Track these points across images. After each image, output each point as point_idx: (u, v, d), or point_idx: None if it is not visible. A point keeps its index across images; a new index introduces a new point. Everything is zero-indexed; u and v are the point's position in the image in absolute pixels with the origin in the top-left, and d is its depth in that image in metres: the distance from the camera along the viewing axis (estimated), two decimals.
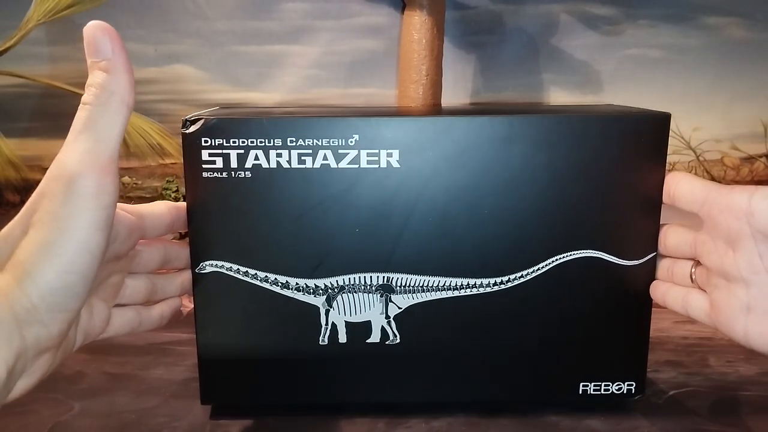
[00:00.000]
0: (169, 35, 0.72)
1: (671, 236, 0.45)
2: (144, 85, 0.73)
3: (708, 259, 0.42)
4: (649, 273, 0.46)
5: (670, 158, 0.43)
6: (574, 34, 0.71)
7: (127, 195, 0.76)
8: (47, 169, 0.33)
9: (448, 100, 0.67)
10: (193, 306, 0.46)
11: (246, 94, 0.73)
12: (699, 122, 0.74)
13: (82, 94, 0.34)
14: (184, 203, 0.44)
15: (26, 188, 0.75)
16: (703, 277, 0.43)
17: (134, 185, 0.76)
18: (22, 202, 0.34)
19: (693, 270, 0.44)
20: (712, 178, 0.75)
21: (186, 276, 0.46)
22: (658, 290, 0.46)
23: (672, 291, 0.45)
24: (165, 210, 0.44)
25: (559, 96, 0.72)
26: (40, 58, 0.72)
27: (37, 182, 0.34)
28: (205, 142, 0.43)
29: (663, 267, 0.46)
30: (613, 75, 0.72)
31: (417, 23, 0.61)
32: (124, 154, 0.75)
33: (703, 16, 0.70)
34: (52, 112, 0.73)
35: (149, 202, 0.44)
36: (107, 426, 0.47)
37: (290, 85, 0.73)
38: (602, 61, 0.72)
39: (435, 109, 0.58)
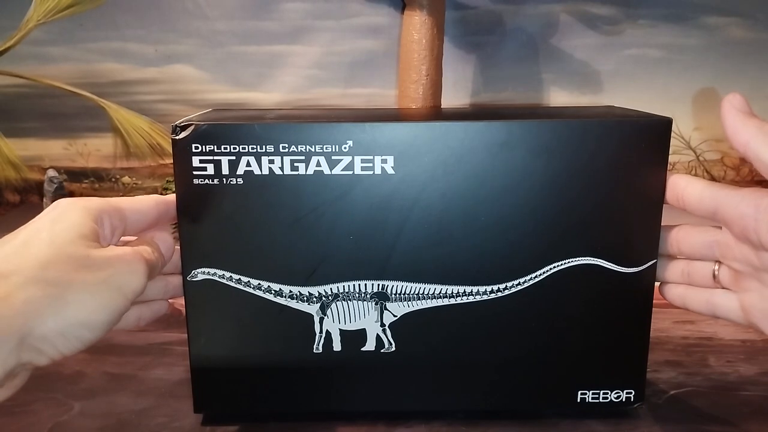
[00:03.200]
0: (169, 35, 0.71)
1: (685, 238, 0.44)
2: (144, 85, 0.73)
3: (733, 262, 0.41)
4: (649, 280, 0.45)
5: (669, 158, 0.42)
6: (574, 34, 0.70)
7: (127, 195, 0.76)
8: (47, 169, 0.34)
9: (448, 100, 0.66)
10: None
11: (246, 94, 0.73)
12: (699, 122, 0.73)
13: (81, 94, 0.35)
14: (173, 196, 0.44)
15: (26, 188, 0.75)
16: (729, 278, 0.42)
17: (134, 185, 0.76)
18: (22, 202, 0.34)
19: (716, 269, 0.43)
20: (712, 178, 0.75)
21: (173, 280, 0.46)
22: (674, 292, 0.45)
23: (692, 293, 0.44)
24: (153, 204, 0.43)
25: (559, 96, 0.72)
26: (40, 58, 0.72)
27: (37, 182, 0.34)
28: (196, 148, 0.42)
29: (676, 269, 0.45)
30: (613, 75, 0.72)
31: (417, 23, 0.61)
32: (124, 154, 0.75)
33: (703, 16, 0.70)
34: (52, 112, 0.73)
35: None
36: (107, 426, 0.47)
37: (290, 85, 0.73)
38: (602, 60, 0.71)
39: (431, 113, 0.57)
